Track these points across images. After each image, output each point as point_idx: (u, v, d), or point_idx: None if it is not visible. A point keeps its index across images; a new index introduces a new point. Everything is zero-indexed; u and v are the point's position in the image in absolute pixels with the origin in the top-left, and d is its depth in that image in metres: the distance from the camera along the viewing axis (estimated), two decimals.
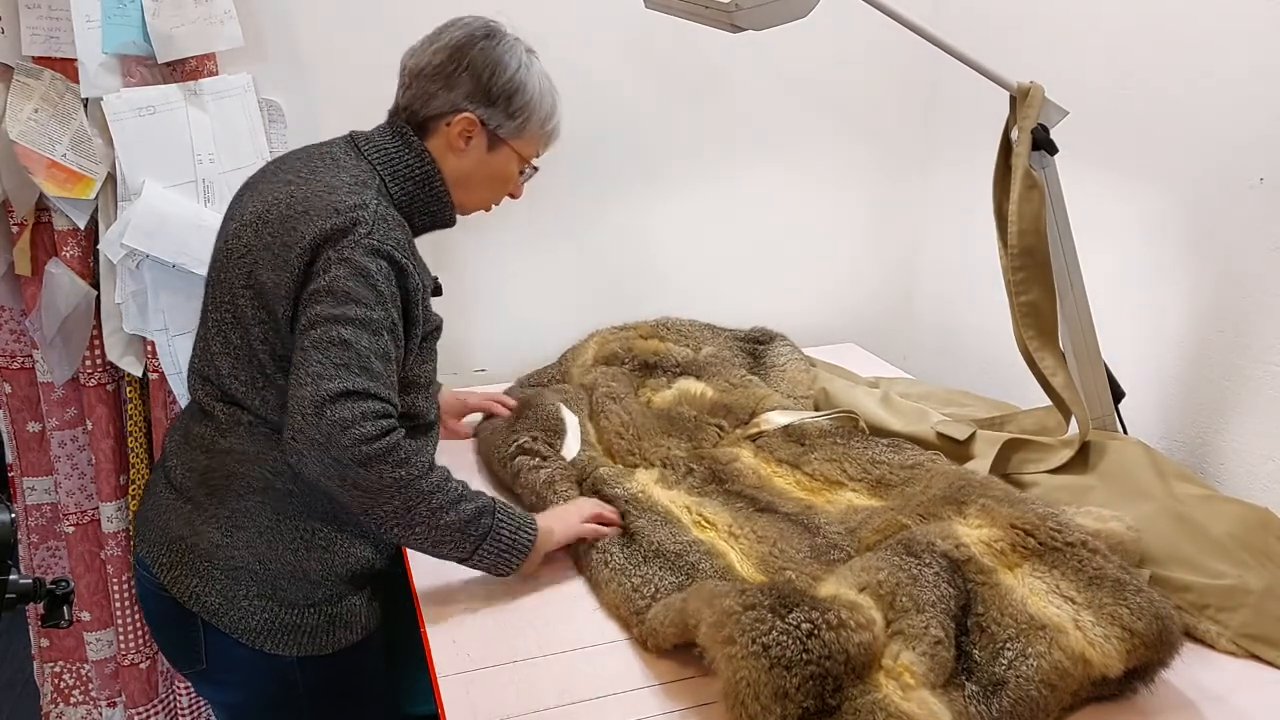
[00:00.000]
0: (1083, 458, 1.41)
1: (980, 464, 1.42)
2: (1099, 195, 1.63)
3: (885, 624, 1.04)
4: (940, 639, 1.03)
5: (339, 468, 1.12)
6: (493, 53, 1.28)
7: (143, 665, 1.78)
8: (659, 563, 1.24)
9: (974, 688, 1.02)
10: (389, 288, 1.17)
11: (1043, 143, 1.34)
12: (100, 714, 1.85)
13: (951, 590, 1.08)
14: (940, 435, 1.53)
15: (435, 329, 1.31)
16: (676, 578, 1.21)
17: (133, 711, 1.80)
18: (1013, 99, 1.35)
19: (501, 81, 1.28)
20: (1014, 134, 1.35)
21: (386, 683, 1.36)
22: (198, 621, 1.23)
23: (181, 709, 1.85)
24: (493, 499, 1.24)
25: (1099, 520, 1.20)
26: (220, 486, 1.22)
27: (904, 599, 1.06)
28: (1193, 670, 1.12)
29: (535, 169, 1.39)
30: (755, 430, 1.58)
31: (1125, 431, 1.49)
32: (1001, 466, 1.43)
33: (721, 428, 1.60)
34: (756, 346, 1.89)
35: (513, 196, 1.40)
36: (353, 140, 1.31)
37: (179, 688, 1.85)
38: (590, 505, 1.34)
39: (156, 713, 1.82)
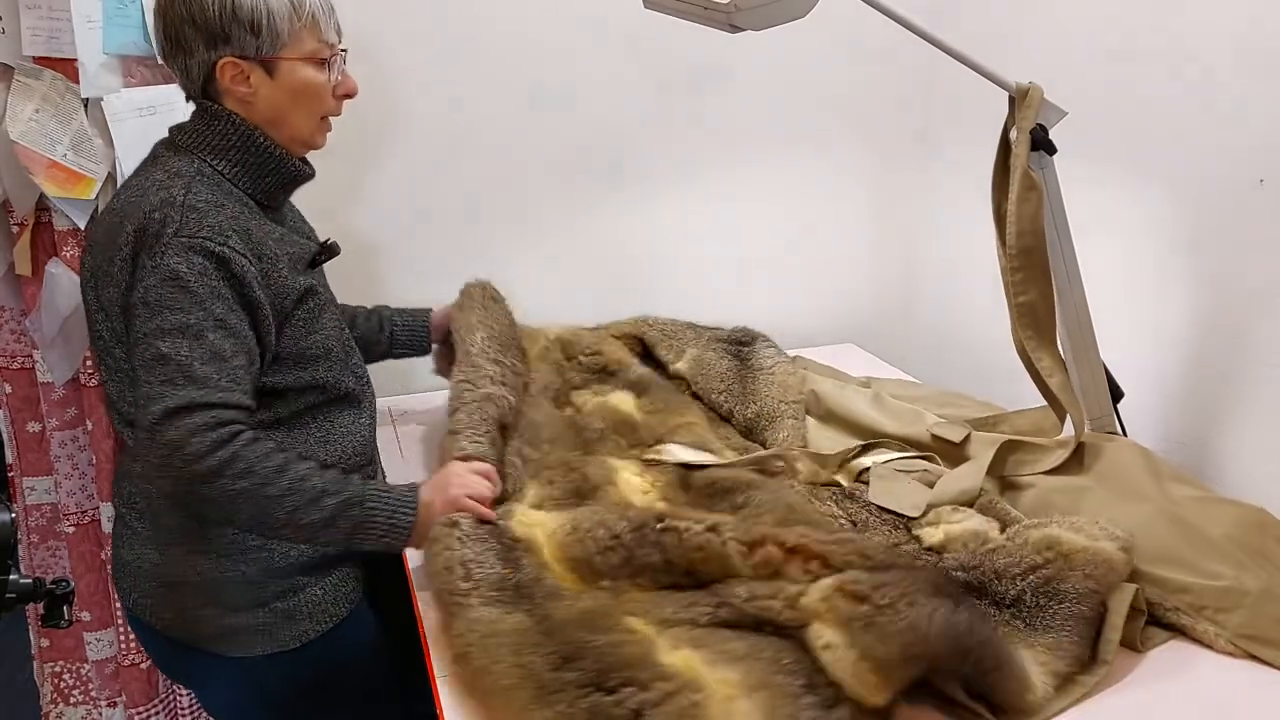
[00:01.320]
0: (1078, 459, 1.41)
1: (977, 466, 1.42)
2: (1098, 195, 1.63)
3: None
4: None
5: (185, 485, 1.11)
6: None
7: (143, 665, 1.77)
8: (493, 547, 1.19)
9: None
10: (206, 284, 1.12)
11: (1042, 143, 1.34)
12: (100, 714, 1.85)
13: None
14: (935, 437, 1.53)
15: (305, 294, 1.24)
16: (502, 570, 1.16)
17: (133, 712, 1.80)
18: (1012, 99, 1.35)
19: (211, 10, 1.16)
20: (1013, 134, 1.35)
21: (379, 670, 1.35)
22: (163, 637, 1.25)
23: (182, 709, 1.85)
24: (362, 487, 1.19)
25: (1090, 538, 1.18)
26: (143, 508, 1.24)
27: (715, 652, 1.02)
28: (1192, 671, 1.12)
29: (341, 52, 1.26)
30: (652, 456, 1.49)
31: (1124, 432, 1.49)
32: (998, 468, 1.42)
33: (621, 445, 1.54)
34: (740, 348, 1.83)
35: (349, 95, 1.28)
36: (170, 135, 1.26)
37: (179, 688, 1.85)
38: (473, 480, 1.25)
39: (156, 713, 1.82)
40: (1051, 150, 1.36)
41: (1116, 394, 1.49)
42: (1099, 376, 1.47)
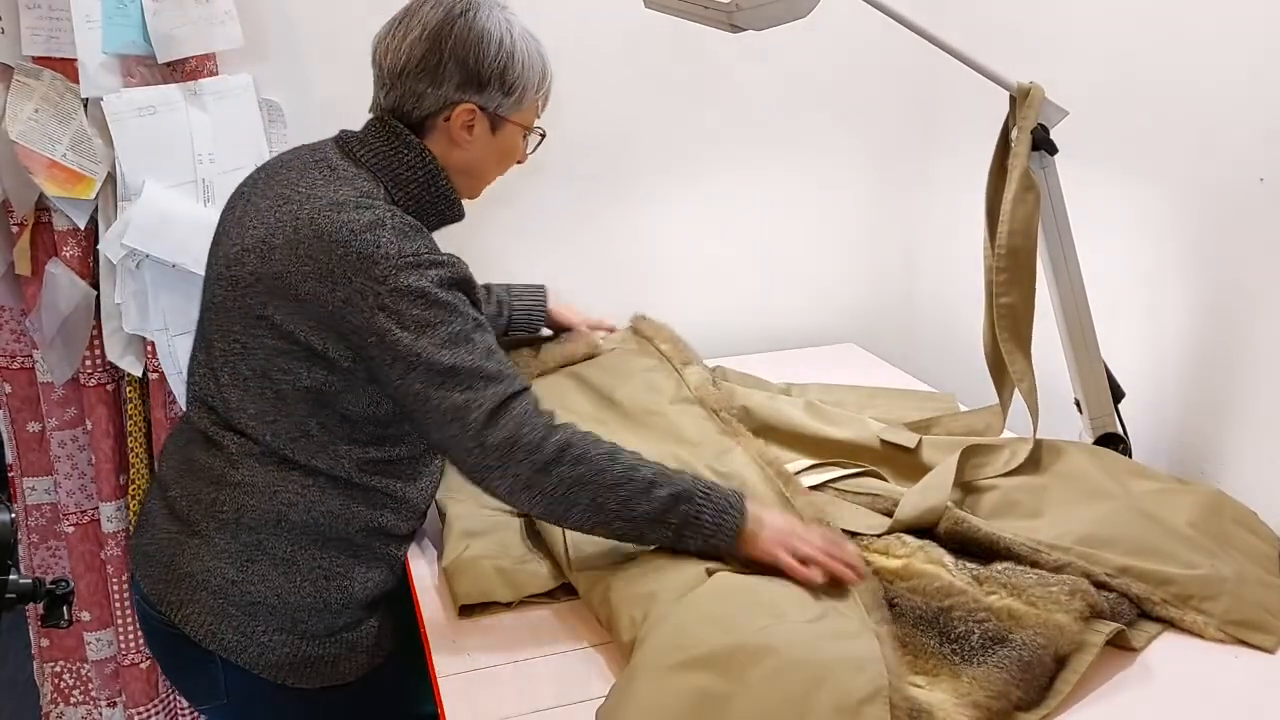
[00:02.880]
0: (1035, 460, 1.41)
1: (940, 479, 1.34)
2: (1099, 195, 1.63)
3: None
4: None
5: (524, 482, 1.12)
6: (474, 31, 1.17)
7: (143, 665, 1.78)
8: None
9: None
10: (451, 294, 1.13)
11: (1042, 143, 1.34)
12: (100, 714, 1.85)
13: None
14: (885, 443, 1.50)
15: None
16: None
17: (133, 711, 1.80)
18: (1012, 99, 1.35)
19: (489, 60, 1.17)
20: (1013, 134, 1.35)
21: (402, 694, 1.34)
22: (215, 658, 1.18)
23: (182, 709, 1.85)
24: (690, 480, 1.17)
25: (1046, 611, 1.12)
26: (231, 521, 1.17)
27: None
28: (1184, 659, 1.13)
29: (543, 134, 1.30)
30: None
31: (1125, 432, 1.50)
32: (959, 476, 1.37)
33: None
34: None
35: (519, 163, 1.31)
36: (346, 144, 1.22)
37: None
38: (820, 537, 1.18)
39: (157, 713, 1.82)
40: (1053, 150, 1.36)
41: (1117, 394, 1.49)
42: (1100, 376, 1.47)
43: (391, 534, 1.25)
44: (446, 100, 1.19)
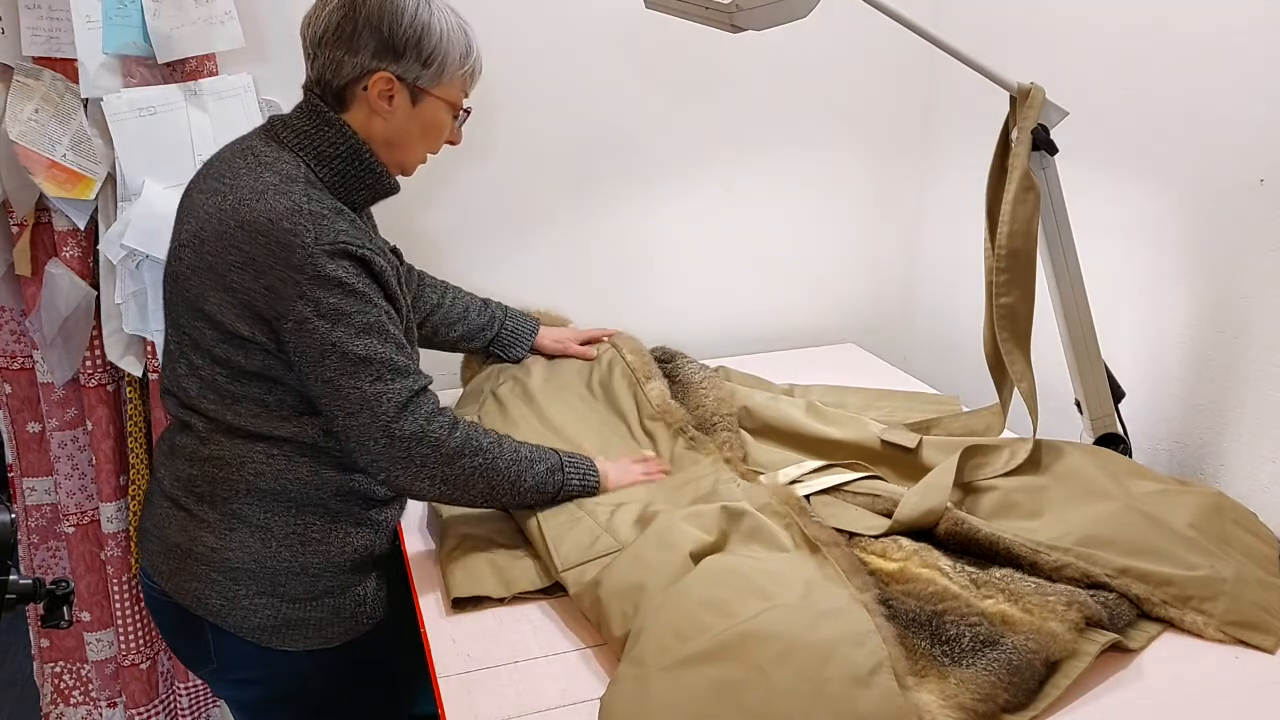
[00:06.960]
0: (1034, 460, 1.41)
1: (940, 481, 1.34)
2: (1099, 196, 1.63)
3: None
4: None
5: (428, 473, 1.21)
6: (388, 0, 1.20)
7: (143, 665, 1.78)
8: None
9: None
10: (364, 283, 1.16)
11: (1043, 143, 1.34)
12: (100, 714, 1.85)
13: None
14: (886, 444, 1.50)
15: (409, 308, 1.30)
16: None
17: (133, 712, 1.80)
18: (1012, 99, 1.35)
19: (404, 29, 1.19)
20: (1013, 134, 1.35)
21: (400, 670, 1.36)
22: (205, 624, 1.23)
23: (181, 709, 1.85)
24: (556, 454, 1.33)
25: (1041, 619, 1.12)
26: (207, 493, 1.22)
27: None
28: (1184, 659, 1.14)
29: (468, 111, 1.31)
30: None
31: (1125, 432, 1.50)
32: (959, 476, 1.37)
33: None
34: (664, 366, 1.75)
35: (452, 143, 1.33)
36: (271, 128, 1.24)
37: (179, 688, 1.85)
38: (639, 463, 1.43)
39: (157, 713, 1.82)
40: (1053, 150, 1.36)
41: (1117, 394, 1.49)
42: (1100, 376, 1.47)
43: (367, 497, 1.28)
44: (363, 68, 1.20)
